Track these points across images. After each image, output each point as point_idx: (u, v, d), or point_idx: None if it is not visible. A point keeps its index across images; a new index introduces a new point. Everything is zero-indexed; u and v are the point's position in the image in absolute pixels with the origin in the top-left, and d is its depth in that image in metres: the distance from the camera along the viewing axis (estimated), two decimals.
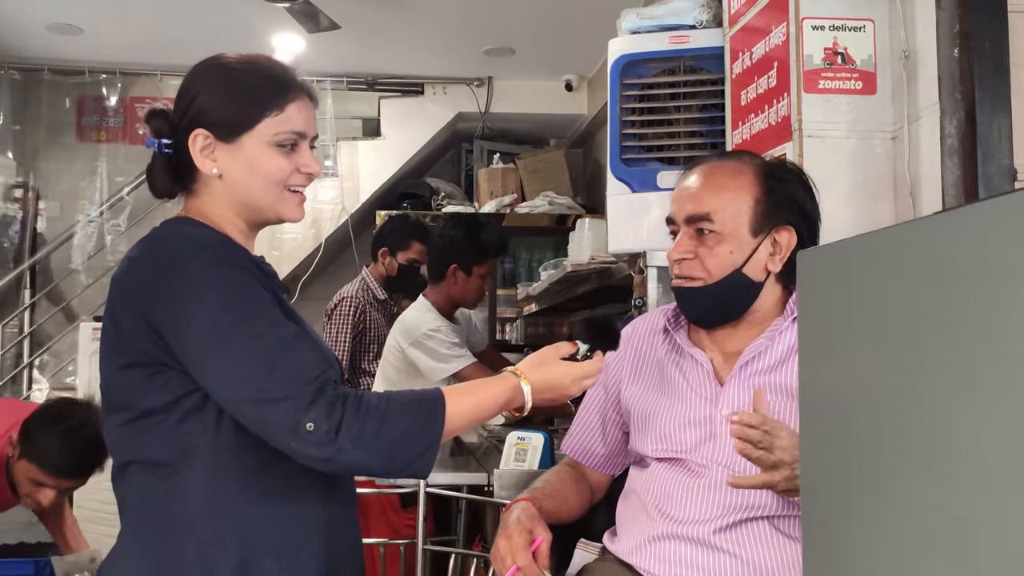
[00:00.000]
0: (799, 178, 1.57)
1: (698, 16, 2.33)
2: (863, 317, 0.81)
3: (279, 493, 1.29)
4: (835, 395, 0.86)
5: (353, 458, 1.20)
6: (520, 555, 1.41)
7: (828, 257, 0.92)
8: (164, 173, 1.36)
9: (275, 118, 1.33)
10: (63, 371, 5.05)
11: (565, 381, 1.39)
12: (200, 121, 1.32)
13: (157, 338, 1.24)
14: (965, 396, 0.67)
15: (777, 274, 1.52)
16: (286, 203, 1.37)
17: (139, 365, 1.27)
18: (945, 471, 0.68)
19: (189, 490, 1.26)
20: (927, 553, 0.70)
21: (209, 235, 1.32)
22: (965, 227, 0.69)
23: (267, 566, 1.27)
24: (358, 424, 1.19)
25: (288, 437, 1.18)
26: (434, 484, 2.51)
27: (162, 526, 1.27)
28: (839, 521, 0.83)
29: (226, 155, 1.33)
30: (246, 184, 1.34)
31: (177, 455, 1.27)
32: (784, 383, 1.46)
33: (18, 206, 5.36)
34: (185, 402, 1.26)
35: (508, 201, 5.08)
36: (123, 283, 1.30)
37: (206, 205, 1.36)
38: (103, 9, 4.40)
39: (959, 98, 1.68)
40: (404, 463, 1.25)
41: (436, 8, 4.30)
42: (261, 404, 1.19)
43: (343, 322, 3.57)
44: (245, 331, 1.22)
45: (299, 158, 1.36)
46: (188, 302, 1.23)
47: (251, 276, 1.28)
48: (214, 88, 1.34)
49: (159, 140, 1.34)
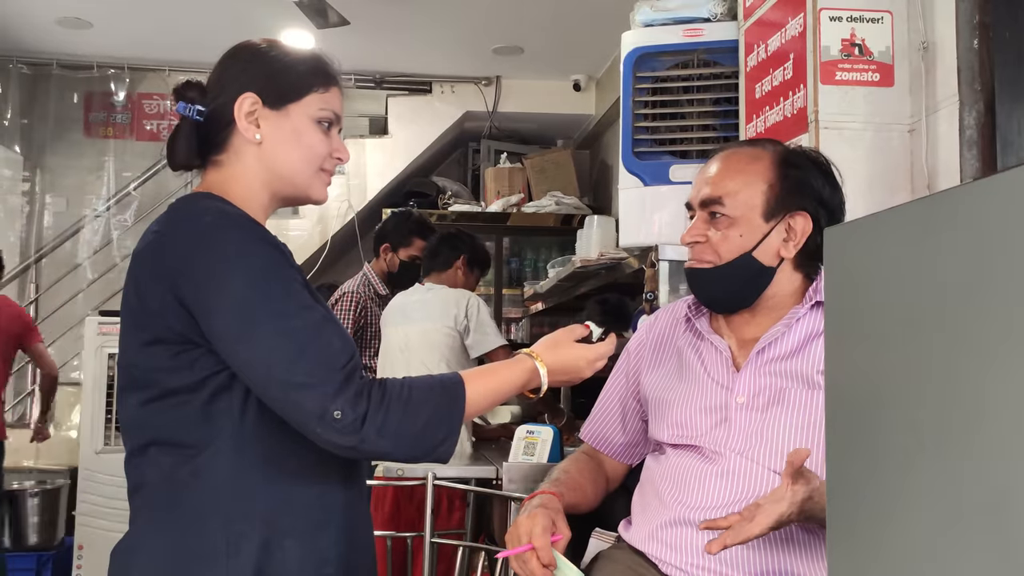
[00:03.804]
0: (819, 165, 1.55)
1: (712, 9, 2.33)
2: (894, 291, 0.80)
3: (301, 475, 1.28)
4: (864, 374, 0.84)
5: (376, 447, 1.21)
6: (538, 537, 1.40)
7: (856, 233, 0.90)
8: (190, 141, 1.34)
9: (321, 95, 1.35)
10: (68, 365, 5.04)
11: (580, 363, 1.40)
12: (248, 86, 1.33)
13: (186, 314, 1.22)
14: (1004, 366, 0.65)
15: (795, 263, 1.51)
16: (319, 182, 1.38)
17: (164, 342, 1.24)
18: (982, 443, 0.67)
19: (214, 470, 1.25)
20: (964, 527, 0.69)
21: (238, 211, 1.30)
22: (1000, 194, 0.67)
23: (288, 546, 1.25)
24: (382, 414, 1.19)
25: (314, 423, 1.18)
26: (443, 477, 2.50)
27: (187, 506, 1.25)
28: (868, 505, 0.81)
29: (271, 122, 1.33)
30: (287, 153, 1.34)
31: (202, 436, 1.25)
32: (801, 370, 1.45)
33: (25, 200, 5.36)
34: (212, 382, 1.24)
35: (515, 201, 5.08)
36: (150, 257, 1.28)
37: (231, 179, 1.35)
38: (112, 4, 4.40)
39: (978, 89, 1.67)
40: (426, 450, 1.25)
41: (445, 6, 4.30)
42: (289, 388, 1.18)
43: (344, 317, 3.58)
44: (275, 312, 1.21)
45: (333, 142, 1.38)
46: (218, 279, 1.21)
47: (282, 256, 1.26)
48: (264, 59, 1.36)
49: (193, 106, 1.33)
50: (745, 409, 1.47)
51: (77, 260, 5.24)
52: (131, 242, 4.98)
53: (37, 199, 5.40)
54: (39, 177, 5.42)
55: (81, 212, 5.35)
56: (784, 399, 1.44)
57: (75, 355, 4.92)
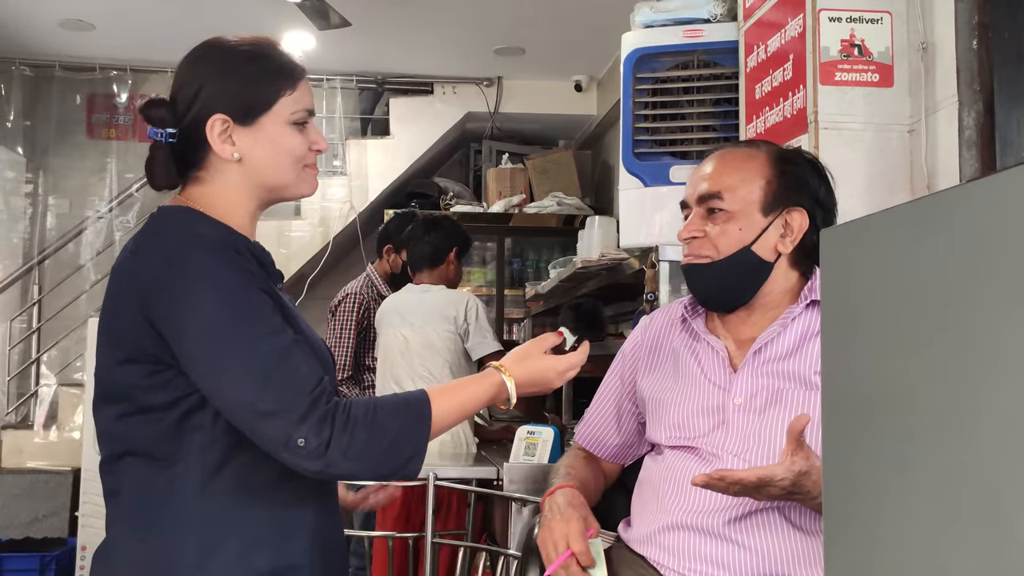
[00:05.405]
0: (812, 165, 1.57)
1: (712, 10, 2.33)
2: (892, 292, 0.80)
3: (272, 487, 1.30)
4: (861, 375, 0.84)
5: (343, 469, 1.23)
6: (576, 541, 1.40)
7: (854, 234, 0.90)
8: (168, 164, 1.33)
9: (290, 96, 1.33)
10: (71, 367, 5.05)
11: (549, 375, 1.40)
12: (216, 107, 1.30)
13: (157, 336, 1.23)
14: (1002, 367, 0.65)
15: (792, 260, 1.52)
16: (305, 178, 1.38)
17: (137, 362, 1.26)
18: (979, 446, 0.67)
19: (187, 481, 1.27)
20: (961, 529, 0.69)
21: (212, 232, 1.29)
22: (999, 194, 0.67)
23: (259, 557, 1.28)
24: (347, 437, 1.21)
25: (280, 450, 1.20)
26: (444, 478, 2.50)
27: (160, 515, 1.27)
28: (863, 507, 0.81)
29: (246, 138, 1.32)
30: (269, 164, 1.33)
31: (176, 449, 1.27)
32: (798, 371, 1.45)
33: (28, 202, 5.37)
34: (185, 402, 1.26)
35: (517, 201, 5.08)
36: (125, 278, 1.29)
37: (212, 192, 1.34)
38: (115, 5, 4.42)
39: (978, 89, 1.67)
40: (394, 468, 1.27)
41: (447, 7, 4.30)
42: (255, 415, 1.21)
43: (347, 318, 3.60)
44: (243, 337, 1.22)
45: (309, 135, 1.37)
46: (188, 303, 1.22)
47: (252, 278, 1.26)
48: (224, 72, 1.33)
49: (163, 130, 1.32)
50: (743, 411, 1.47)
51: (80, 261, 5.25)
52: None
53: (40, 201, 5.41)
54: (42, 179, 5.43)
55: (84, 214, 5.35)
56: (781, 400, 1.44)
57: (78, 356, 4.93)
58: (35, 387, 5.06)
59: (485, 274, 5.71)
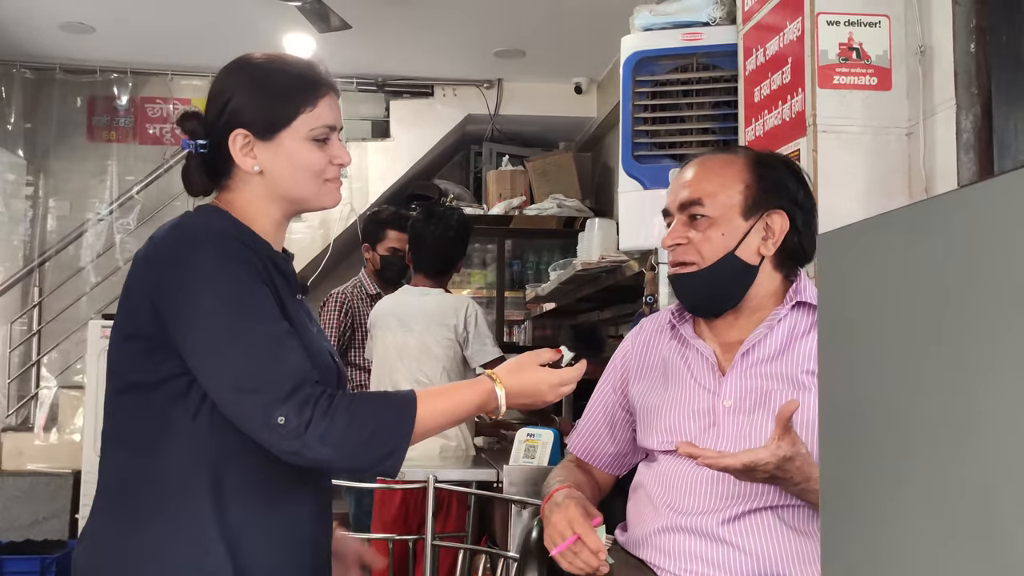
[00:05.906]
0: (790, 168, 1.60)
1: (711, 13, 2.34)
2: (889, 296, 0.80)
3: (261, 485, 1.32)
4: (858, 379, 0.84)
5: (319, 454, 1.24)
6: (579, 525, 1.42)
7: (851, 237, 0.90)
8: (200, 173, 1.40)
9: (309, 114, 1.38)
10: (71, 369, 5.06)
11: (542, 387, 1.42)
12: (238, 121, 1.37)
13: (159, 319, 1.29)
14: (1000, 371, 0.65)
15: (775, 262, 1.54)
16: (327, 191, 1.42)
17: (137, 338, 1.32)
18: (977, 450, 0.67)
19: (165, 472, 1.30)
20: (957, 534, 0.69)
21: (227, 228, 1.35)
22: (997, 197, 0.67)
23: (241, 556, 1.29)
24: (326, 422, 1.23)
25: (259, 427, 1.23)
26: (444, 480, 2.50)
27: (137, 506, 1.30)
28: (862, 511, 0.81)
29: (266, 152, 1.37)
30: (288, 179, 1.39)
31: (154, 436, 1.30)
32: (785, 371, 1.47)
33: (28, 204, 5.38)
34: (169, 385, 1.29)
35: (517, 203, 5.09)
36: (141, 262, 1.35)
37: (240, 199, 1.40)
38: (115, 8, 4.42)
39: (975, 93, 1.67)
40: (371, 461, 1.28)
41: (447, 9, 4.30)
42: (239, 393, 1.24)
43: (328, 318, 3.68)
44: (239, 324, 1.27)
45: (331, 150, 1.40)
46: (189, 292, 1.27)
47: (255, 273, 1.31)
48: (249, 88, 1.39)
49: (195, 141, 1.39)
50: (732, 412, 1.48)
51: (80, 264, 5.25)
52: (134, 246, 4.99)
53: (40, 203, 5.41)
54: (42, 181, 5.43)
55: (84, 216, 5.35)
56: (770, 401, 1.45)
57: (78, 358, 4.93)
58: (35, 389, 5.06)
59: (485, 276, 5.71)
